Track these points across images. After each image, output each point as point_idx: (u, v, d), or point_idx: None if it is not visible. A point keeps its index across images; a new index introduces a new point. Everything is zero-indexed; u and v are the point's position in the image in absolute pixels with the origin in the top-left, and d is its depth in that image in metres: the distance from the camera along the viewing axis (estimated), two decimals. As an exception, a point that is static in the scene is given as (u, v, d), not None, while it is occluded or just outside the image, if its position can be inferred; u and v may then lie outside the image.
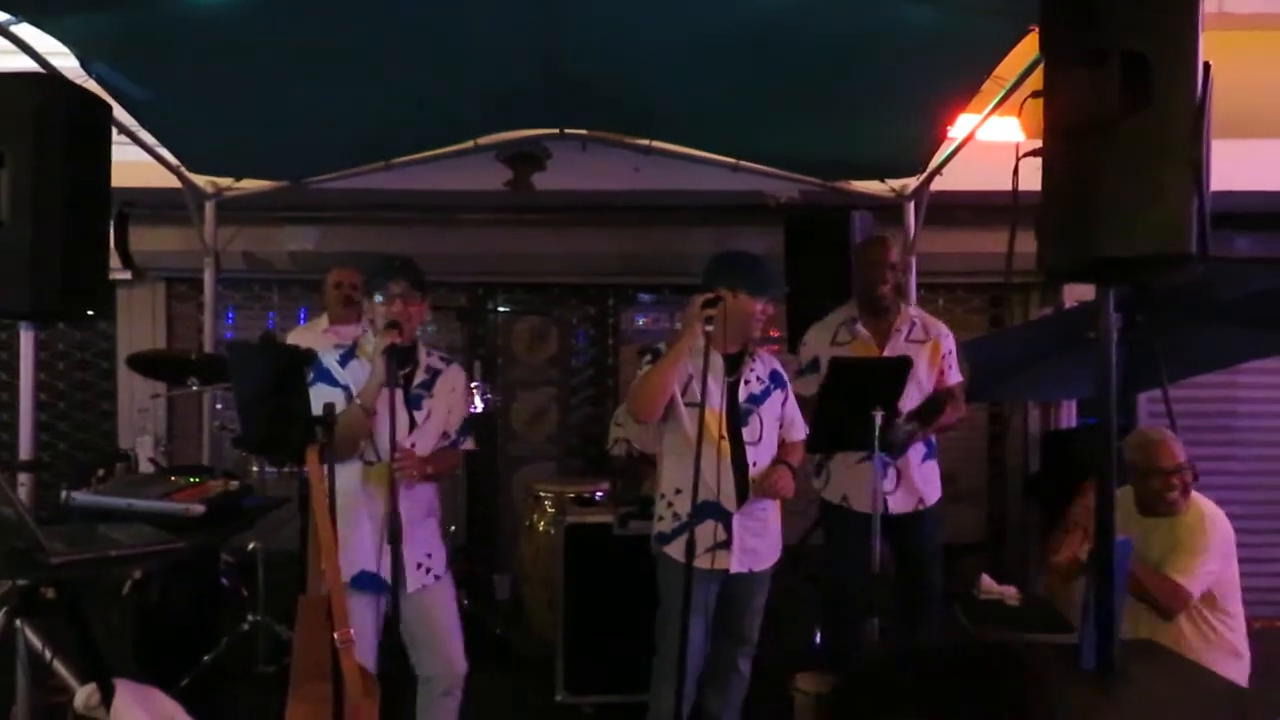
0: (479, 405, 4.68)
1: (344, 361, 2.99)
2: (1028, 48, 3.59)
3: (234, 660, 4.25)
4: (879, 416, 2.78)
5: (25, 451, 3.08)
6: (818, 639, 4.46)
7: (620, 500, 4.23)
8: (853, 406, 2.83)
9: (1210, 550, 3.14)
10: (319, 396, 2.72)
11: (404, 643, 3.05)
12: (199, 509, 2.55)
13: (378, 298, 2.96)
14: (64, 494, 2.46)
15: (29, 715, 3.23)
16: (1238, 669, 3.19)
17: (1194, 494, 3.27)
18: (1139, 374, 4.43)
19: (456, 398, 3.20)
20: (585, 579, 4.01)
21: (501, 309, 6.00)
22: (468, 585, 4.94)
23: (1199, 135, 2.17)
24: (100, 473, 3.08)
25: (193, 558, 3.74)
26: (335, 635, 2.33)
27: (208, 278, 5.25)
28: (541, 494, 4.70)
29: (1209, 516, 3.21)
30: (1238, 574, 3.26)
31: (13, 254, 2.92)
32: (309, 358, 2.54)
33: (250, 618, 4.28)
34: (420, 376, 3.10)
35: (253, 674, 4.27)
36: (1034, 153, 2.44)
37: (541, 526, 4.75)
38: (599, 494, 4.47)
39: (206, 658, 4.05)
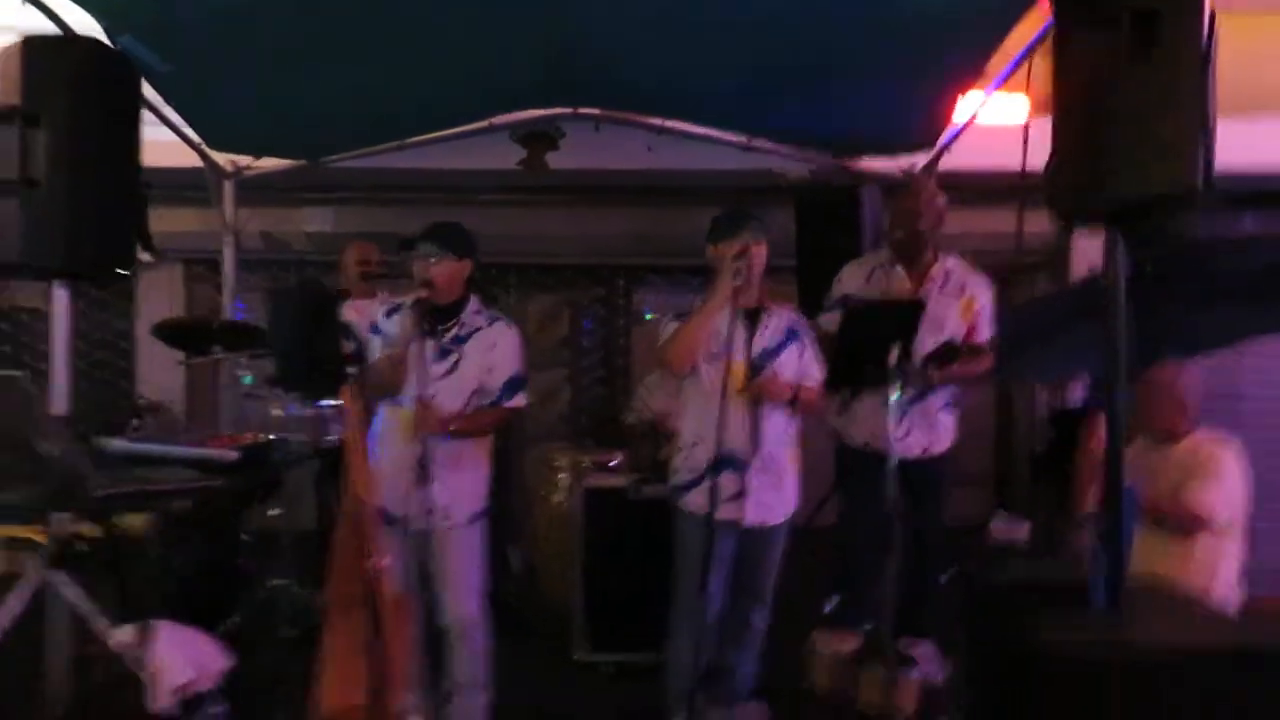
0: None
1: (389, 315, 3.16)
2: (1035, 23, 3.68)
3: (257, 624, 4.31)
4: (895, 355, 2.84)
5: (60, 407, 3.14)
6: (828, 608, 4.52)
7: (635, 468, 4.30)
8: (870, 345, 2.90)
9: (1224, 480, 3.28)
10: (374, 350, 2.95)
11: None
12: (233, 454, 2.62)
13: (416, 259, 3.11)
14: (100, 441, 2.53)
15: (63, 665, 3.32)
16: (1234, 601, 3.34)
17: (1208, 433, 3.41)
18: (1143, 356, 4.48)
19: (498, 355, 3.25)
20: (602, 541, 4.10)
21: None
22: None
23: (1206, 81, 2.25)
24: (135, 423, 3.16)
25: (218, 525, 3.84)
26: (369, 563, 2.41)
27: (227, 255, 5.34)
28: (557, 463, 4.77)
29: (1225, 449, 3.39)
30: (1245, 510, 3.36)
31: (49, 213, 2.98)
32: (342, 298, 2.61)
33: (272, 582, 4.35)
34: (455, 331, 3.20)
35: (275, 637, 4.33)
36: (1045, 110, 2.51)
37: (556, 499, 4.82)
38: (613, 463, 4.54)
39: (230, 620, 4.12)
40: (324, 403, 3.47)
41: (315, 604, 4.37)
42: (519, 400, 3.28)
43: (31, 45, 2.96)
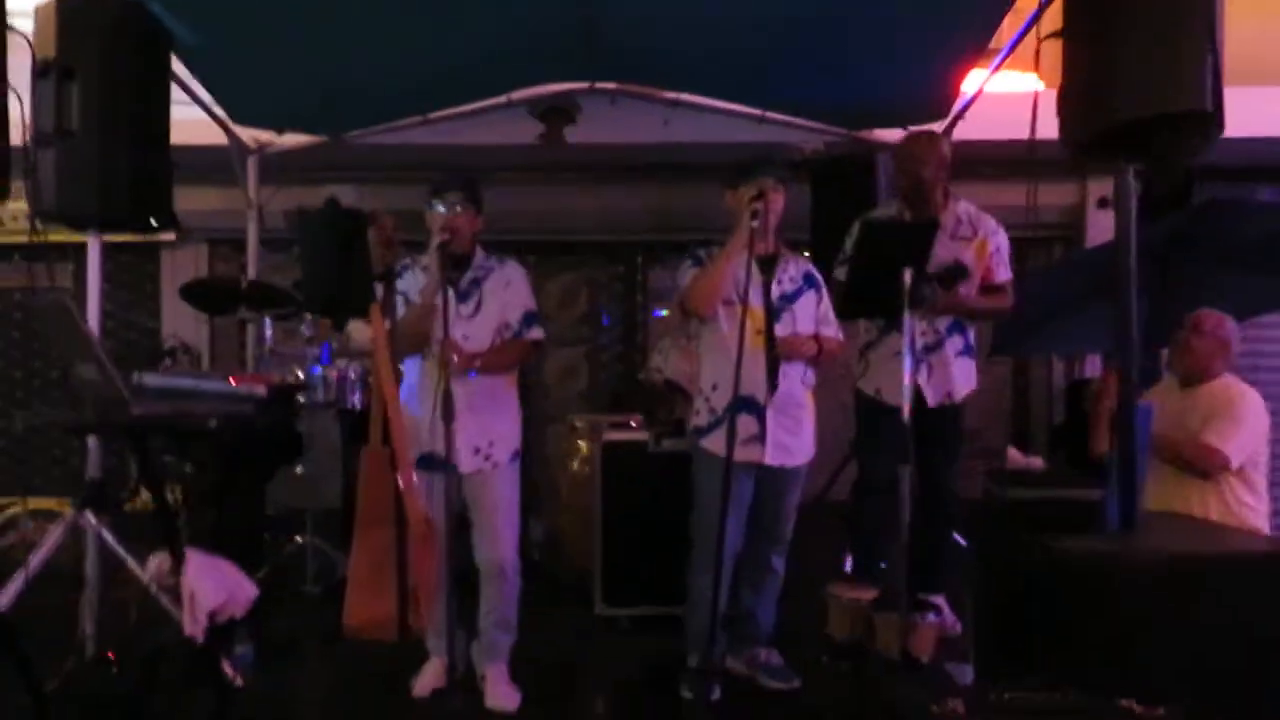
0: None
1: (401, 273, 3.25)
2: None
3: (283, 579, 4.41)
4: (909, 275, 2.88)
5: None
6: (848, 566, 4.56)
7: (652, 424, 4.35)
8: (883, 267, 2.95)
9: (1247, 420, 3.31)
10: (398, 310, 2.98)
11: None
12: (261, 390, 2.69)
13: (439, 207, 3.18)
14: (135, 376, 2.61)
15: (97, 606, 3.41)
16: None
17: (1235, 378, 3.47)
18: (1161, 326, 4.50)
19: (512, 291, 3.36)
20: (622, 496, 4.16)
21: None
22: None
23: (1213, 2, 2.30)
24: (167, 362, 3.25)
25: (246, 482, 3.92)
26: (398, 479, 2.48)
27: (251, 231, 5.44)
28: (578, 425, 4.84)
29: (1246, 391, 3.41)
30: (1268, 459, 3.38)
31: (83, 163, 3.10)
32: (370, 219, 2.69)
33: (298, 539, 4.44)
34: (471, 274, 3.30)
35: (301, 593, 4.42)
36: (1056, 34, 2.56)
37: (576, 465, 4.88)
38: (633, 423, 4.60)
39: (256, 576, 4.20)
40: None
41: (339, 563, 4.49)
42: (537, 333, 3.38)
43: (66, 2, 3.07)
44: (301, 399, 3.37)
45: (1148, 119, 2.30)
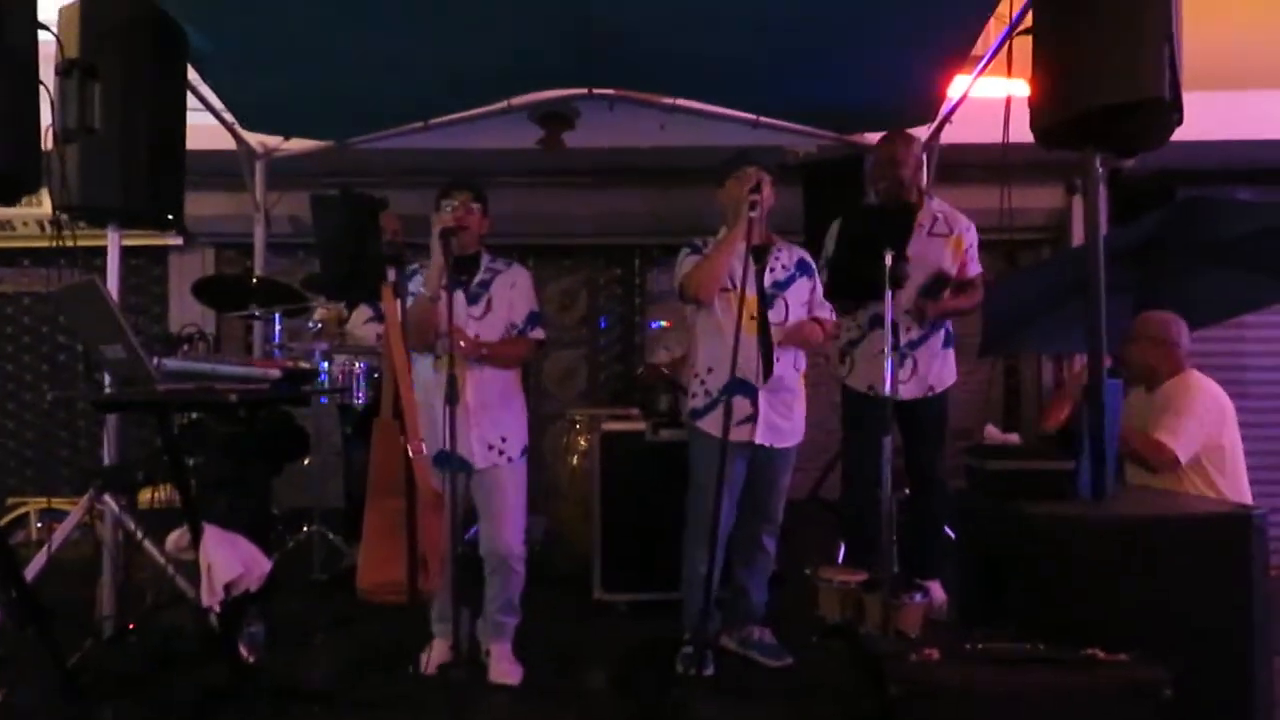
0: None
1: (411, 276, 3.36)
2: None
3: (290, 568, 4.53)
4: (889, 257, 3.04)
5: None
6: (841, 559, 4.68)
7: (649, 415, 4.48)
8: (865, 252, 3.10)
9: (1195, 412, 3.40)
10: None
11: None
12: (275, 373, 2.83)
13: (446, 206, 3.32)
14: (156, 360, 2.74)
15: (114, 589, 3.54)
16: None
17: (1194, 371, 3.53)
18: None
19: (518, 293, 3.51)
20: (618, 485, 4.29)
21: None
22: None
23: (1169, -1, 2.45)
24: (185, 348, 3.38)
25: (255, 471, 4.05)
26: (408, 447, 2.61)
27: (258, 234, 5.58)
28: (578, 419, 4.97)
29: (1197, 384, 3.50)
30: (1238, 443, 3.47)
31: (104, 158, 3.24)
32: (383, 205, 2.83)
33: (306, 528, 4.56)
34: (480, 277, 3.46)
35: (308, 581, 4.54)
36: (1026, 31, 2.71)
37: (576, 460, 5.02)
38: (630, 416, 4.74)
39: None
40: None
41: (345, 552, 4.62)
42: (539, 333, 3.53)
43: (88, 3, 3.22)
44: (308, 388, 3.49)
45: (1109, 107, 2.45)
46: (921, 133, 5.26)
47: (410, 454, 2.63)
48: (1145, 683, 2.09)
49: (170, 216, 3.43)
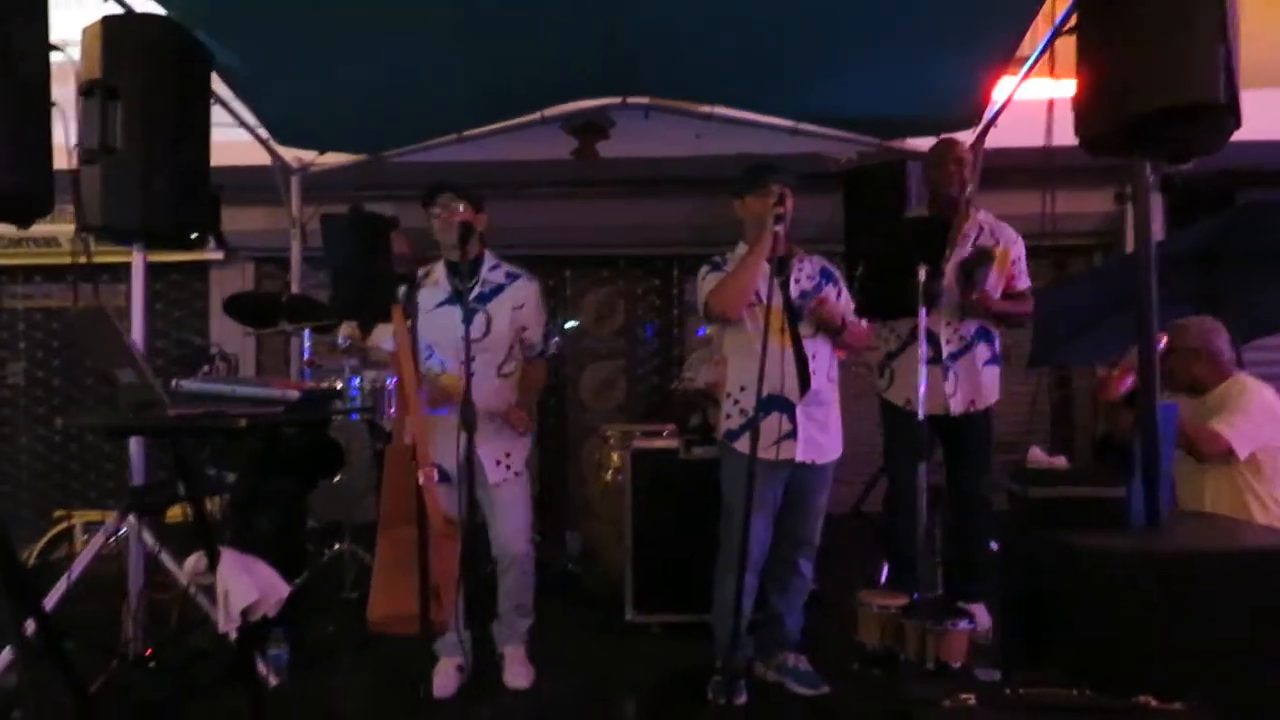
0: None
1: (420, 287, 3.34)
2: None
3: (321, 585, 4.49)
4: (924, 272, 2.90)
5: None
6: (883, 578, 4.54)
7: (684, 432, 4.38)
8: (899, 266, 2.98)
9: (1252, 411, 3.30)
10: None
11: None
12: (294, 394, 2.77)
13: (436, 212, 3.38)
14: (174, 382, 2.70)
15: (140, 608, 3.52)
16: None
17: (1244, 375, 3.45)
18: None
19: (528, 314, 3.47)
20: (650, 503, 4.18)
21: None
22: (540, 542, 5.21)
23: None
24: (205, 369, 3.35)
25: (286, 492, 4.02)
26: (419, 475, 2.54)
27: (294, 248, 5.59)
28: (610, 435, 4.88)
29: (1252, 386, 3.40)
30: None
31: (125, 178, 3.22)
32: (393, 224, 2.76)
33: (336, 545, 4.52)
34: (478, 290, 3.40)
35: (338, 600, 4.50)
36: (1071, 30, 2.57)
37: (609, 475, 4.92)
38: (665, 432, 4.63)
39: (295, 582, 4.29)
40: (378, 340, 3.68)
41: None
42: (555, 345, 3.50)
43: (110, 23, 3.21)
44: (338, 404, 3.47)
45: (1160, 112, 2.30)
46: (965, 138, 5.13)
47: (421, 482, 2.54)
48: (1201, 734, 1.93)
49: (194, 235, 3.40)
